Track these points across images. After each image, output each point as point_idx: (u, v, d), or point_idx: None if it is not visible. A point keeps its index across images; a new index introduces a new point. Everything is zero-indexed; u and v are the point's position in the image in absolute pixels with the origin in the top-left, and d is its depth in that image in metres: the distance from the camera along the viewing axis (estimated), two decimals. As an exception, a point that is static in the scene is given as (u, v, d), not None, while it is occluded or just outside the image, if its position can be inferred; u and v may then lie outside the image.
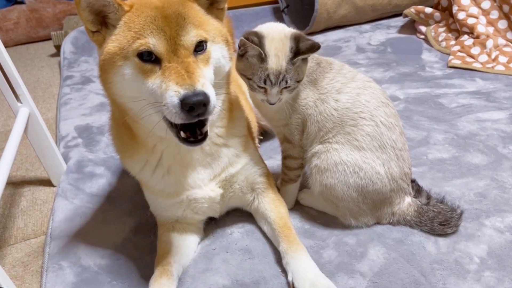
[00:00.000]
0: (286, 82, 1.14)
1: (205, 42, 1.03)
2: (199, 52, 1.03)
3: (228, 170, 1.25)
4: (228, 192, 1.28)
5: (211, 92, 0.96)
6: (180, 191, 1.21)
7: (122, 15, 1.01)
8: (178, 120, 0.95)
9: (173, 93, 0.94)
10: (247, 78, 1.18)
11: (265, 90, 1.17)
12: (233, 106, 1.27)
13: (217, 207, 1.29)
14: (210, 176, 1.23)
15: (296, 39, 1.14)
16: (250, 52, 1.14)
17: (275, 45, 1.14)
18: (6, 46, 3.49)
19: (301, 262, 1.15)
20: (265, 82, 1.15)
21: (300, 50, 1.13)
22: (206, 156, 1.20)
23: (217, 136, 1.22)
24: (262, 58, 1.13)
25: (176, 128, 1.02)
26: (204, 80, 0.97)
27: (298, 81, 1.18)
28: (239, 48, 1.16)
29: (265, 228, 1.31)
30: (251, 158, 1.30)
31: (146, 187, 1.25)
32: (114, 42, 1.00)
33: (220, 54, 1.09)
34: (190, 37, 1.00)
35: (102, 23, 1.04)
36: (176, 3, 1.02)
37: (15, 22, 3.65)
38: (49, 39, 3.47)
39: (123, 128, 1.17)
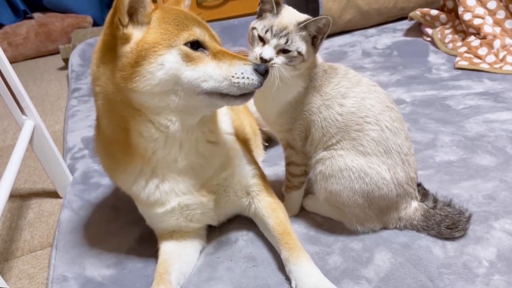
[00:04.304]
0: (287, 41, 1.14)
1: None
2: None
3: (219, 171, 1.24)
4: (223, 197, 1.27)
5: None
6: (172, 198, 1.19)
7: (150, 12, 1.04)
8: (254, 83, 1.06)
9: (243, 64, 1.06)
10: (253, 28, 1.19)
11: (263, 44, 1.17)
12: None
13: (211, 214, 1.27)
14: (203, 179, 1.22)
15: (309, 19, 1.16)
16: (265, 6, 1.18)
17: (289, 13, 1.18)
18: (16, 61, 3.62)
19: (303, 268, 1.14)
20: (266, 32, 1.15)
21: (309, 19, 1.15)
22: (199, 157, 1.19)
23: (209, 132, 1.21)
24: (273, 14, 1.16)
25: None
26: None
27: (299, 53, 1.15)
28: (259, 4, 1.20)
29: (266, 234, 1.30)
30: (241, 159, 1.30)
31: (139, 200, 1.23)
32: (152, 34, 1.02)
33: None
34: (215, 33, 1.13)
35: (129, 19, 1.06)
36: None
37: (25, 37, 3.70)
38: (58, 52, 3.52)
39: (115, 143, 1.15)
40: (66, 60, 3.25)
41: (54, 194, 1.78)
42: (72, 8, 3.96)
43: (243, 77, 1.05)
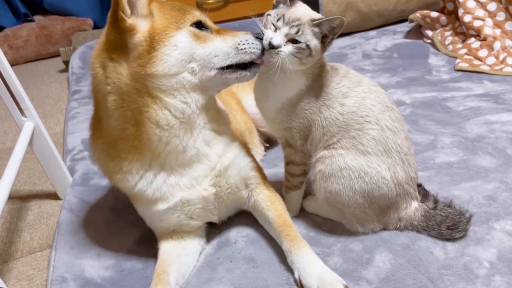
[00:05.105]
0: (298, 31, 1.14)
1: None
2: None
3: (221, 161, 1.25)
4: (224, 188, 1.27)
5: None
6: (176, 193, 1.20)
7: (147, 3, 1.10)
8: (258, 47, 1.17)
9: (245, 34, 1.18)
10: (268, 15, 1.20)
11: (275, 31, 1.17)
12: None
13: (211, 208, 1.27)
14: (206, 170, 1.23)
15: (323, 17, 1.17)
16: None
17: (303, 7, 1.20)
18: (16, 64, 3.62)
19: (305, 259, 1.16)
20: (278, 20, 1.16)
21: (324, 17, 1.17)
22: (204, 145, 1.21)
23: (213, 120, 1.24)
24: (287, 6, 1.19)
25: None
26: None
27: (308, 46, 1.15)
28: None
29: (266, 227, 1.32)
30: (240, 150, 1.31)
31: (142, 199, 1.22)
32: (159, 21, 1.10)
33: None
34: None
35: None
36: None
37: (25, 40, 3.69)
38: (59, 55, 3.52)
39: (121, 142, 1.15)
40: (66, 63, 3.25)
41: (53, 196, 1.78)
42: (72, 11, 3.95)
43: (248, 43, 1.16)
